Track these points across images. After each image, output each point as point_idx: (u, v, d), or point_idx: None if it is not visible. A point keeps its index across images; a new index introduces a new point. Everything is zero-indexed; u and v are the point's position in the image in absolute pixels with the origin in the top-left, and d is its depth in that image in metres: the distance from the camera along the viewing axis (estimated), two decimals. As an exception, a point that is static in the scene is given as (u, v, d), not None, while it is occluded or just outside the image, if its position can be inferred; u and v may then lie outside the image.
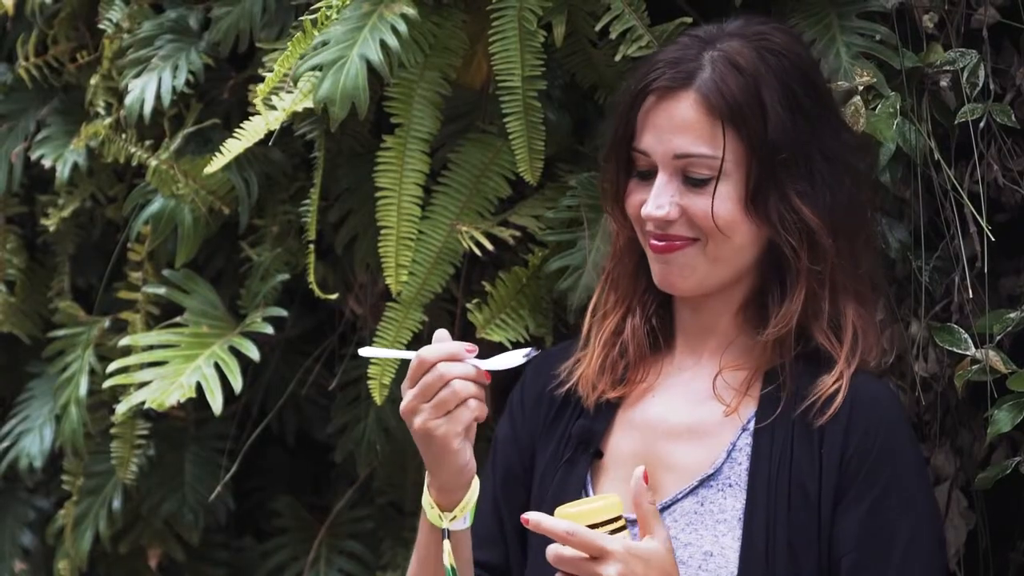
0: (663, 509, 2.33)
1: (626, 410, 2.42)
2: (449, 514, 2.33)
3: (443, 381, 2.26)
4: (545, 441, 2.46)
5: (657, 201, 2.32)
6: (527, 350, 2.31)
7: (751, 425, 2.33)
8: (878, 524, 2.25)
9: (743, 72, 2.30)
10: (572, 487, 2.39)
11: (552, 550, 2.18)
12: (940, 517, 2.35)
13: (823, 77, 2.40)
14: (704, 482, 2.32)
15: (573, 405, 2.46)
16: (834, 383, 2.30)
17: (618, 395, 2.42)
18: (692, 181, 2.31)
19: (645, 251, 2.38)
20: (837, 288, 2.34)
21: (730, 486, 2.31)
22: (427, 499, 2.36)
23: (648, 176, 2.35)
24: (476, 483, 2.34)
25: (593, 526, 2.16)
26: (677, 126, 2.31)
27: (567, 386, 2.45)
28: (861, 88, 2.62)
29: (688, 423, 2.37)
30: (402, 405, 2.29)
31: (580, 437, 2.41)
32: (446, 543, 2.33)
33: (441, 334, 2.30)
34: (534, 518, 2.18)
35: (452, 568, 2.32)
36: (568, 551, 2.15)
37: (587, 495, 2.39)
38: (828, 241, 2.32)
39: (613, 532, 2.16)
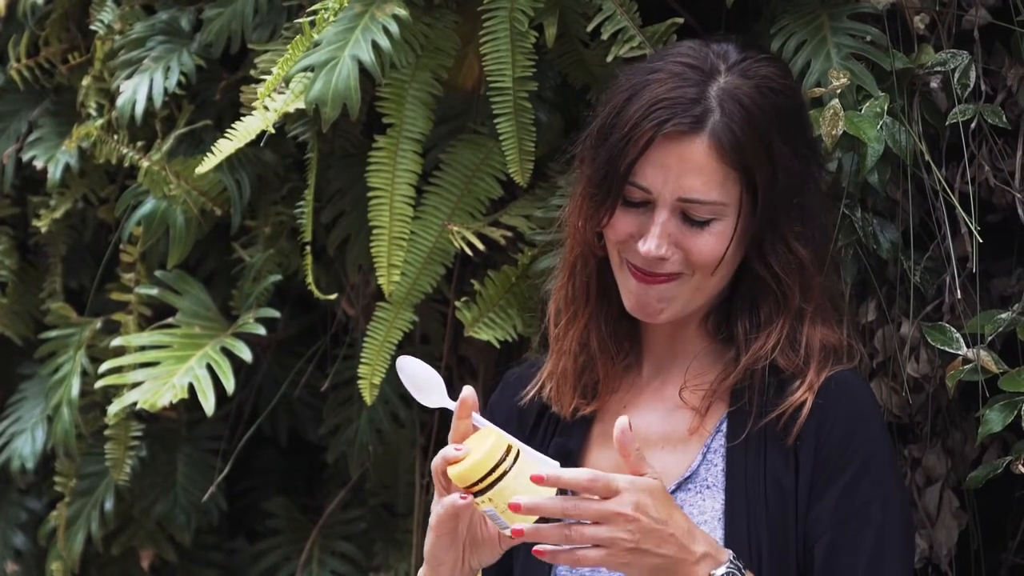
0: None
1: (602, 425, 2.41)
2: None
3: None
4: None
5: (659, 241, 2.28)
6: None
7: (723, 427, 2.33)
8: (852, 505, 2.26)
9: (751, 115, 2.27)
10: None
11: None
12: (906, 492, 2.35)
13: (807, 107, 2.39)
14: (682, 485, 2.32)
15: (546, 421, 2.45)
16: (801, 398, 2.29)
17: (593, 409, 2.41)
18: (692, 221, 2.28)
19: (616, 273, 2.36)
20: (814, 319, 2.35)
21: (708, 487, 2.31)
22: None
23: (637, 206, 2.30)
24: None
25: (490, 472, 2.15)
26: (687, 169, 2.26)
27: (537, 401, 2.44)
28: (838, 92, 2.62)
29: (661, 431, 2.37)
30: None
31: (557, 455, 2.40)
32: None
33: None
34: (550, 473, 2.15)
35: None
36: (574, 503, 2.14)
37: None
38: (818, 279, 2.34)
39: (512, 464, 2.16)
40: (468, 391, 2.23)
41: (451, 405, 2.25)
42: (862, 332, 2.77)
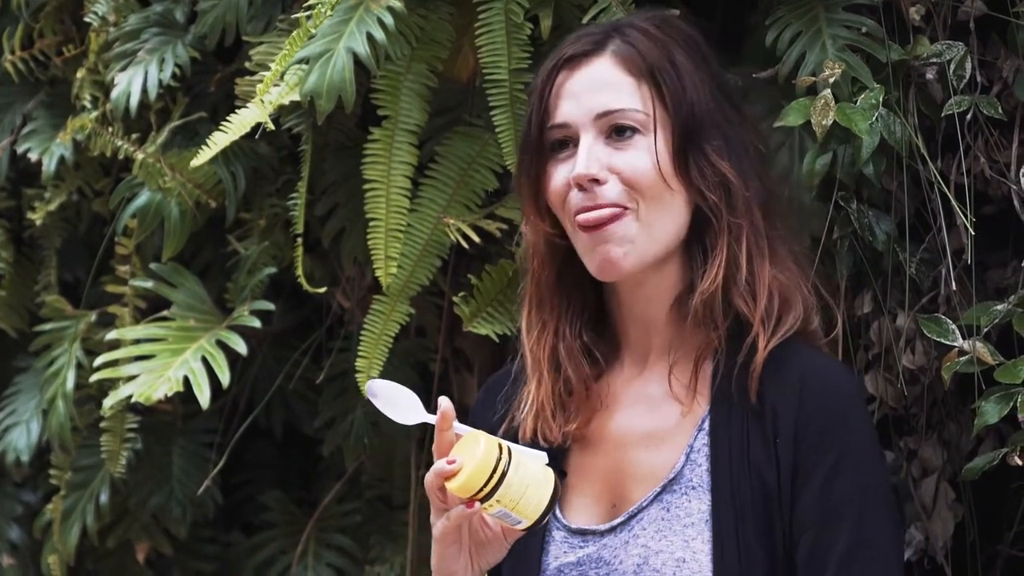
0: (629, 518, 2.31)
1: (585, 428, 2.40)
2: None
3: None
4: None
5: (587, 162, 2.29)
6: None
7: (706, 425, 2.32)
8: (826, 505, 2.24)
9: (650, 34, 2.34)
10: None
11: None
12: (891, 492, 2.34)
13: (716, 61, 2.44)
14: (667, 487, 2.30)
15: None
16: (753, 347, 2.29)
17: (577, 427, 2.39)
18: (618, 133, 2.30)
19: (576, 245, 2.34)
20: (752, 251, 2.33)
21: (693, 488, 2.29)
22: None
23: (566, 147, 2.33)
24: None
25: (491, 476, 2.16)
26: (596, 86, 2.32)
27: (517, 423, 2.42)
28: (831, 81, 2.62)
29: (646, 430, 2.35)
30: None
31: None
32: None
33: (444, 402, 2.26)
34: None
35: None
36: None
37: (555, 516, 2.37)
38: (745, 193, 2.33)
39: (508, 461, 2.17)
40: (445, 403, 2.23)
41: (431, 419, 2.24)
42: (857, 324, 2.77)
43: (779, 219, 2.41)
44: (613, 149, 2.31)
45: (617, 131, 2.31)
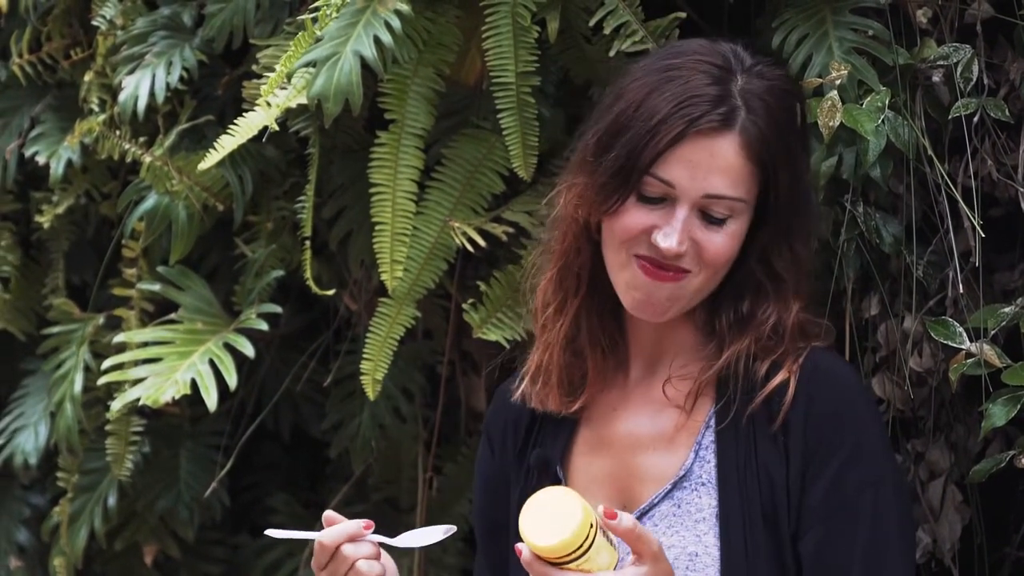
0: (640, 515, 2.32)
1: (592, 430, 2.41)
2: None
3: (347, 564, 2.27)
4: (516, 475, 2.45)
5: (680, 236, 2.26)
6: (447, 527, 2.30)
7: (712, 422, 2.33)
8: (840, 499, 2.25)
9: (773, 114, 2.28)
10: None
11: None
12: (905, 484, 2.33)
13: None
14: (677, 484, 2.32)
15: (537, 428, 2.44)
16: (782, 380, 2.29)
17: (579, 407, 2.40)
18: (709, 219, 2.28)
19: (617, 271, 2.33)
20: (789, 316, 2.35)
21: (703, 484, 2.30)
22: None
23: (653, 201, 2.28)
24: None
25: (567, 555, 2.14)
26: (716, 167, 2.26)
27: (526, 407, 2.43)
28: (838, 83, 2.62)
29: (653, 432, 2.36)
30: None
31: (537, 466, 2.40)
32: None
33: (331, 515, 2.30)
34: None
35: None
36: None
37: None
38: (811, 273, 2.36)
39: (587, 549, 2.15)
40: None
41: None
42: (865, 327, 2.77)
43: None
44: (704, 226, 2.28)
45: (713, 214, 2.28)
